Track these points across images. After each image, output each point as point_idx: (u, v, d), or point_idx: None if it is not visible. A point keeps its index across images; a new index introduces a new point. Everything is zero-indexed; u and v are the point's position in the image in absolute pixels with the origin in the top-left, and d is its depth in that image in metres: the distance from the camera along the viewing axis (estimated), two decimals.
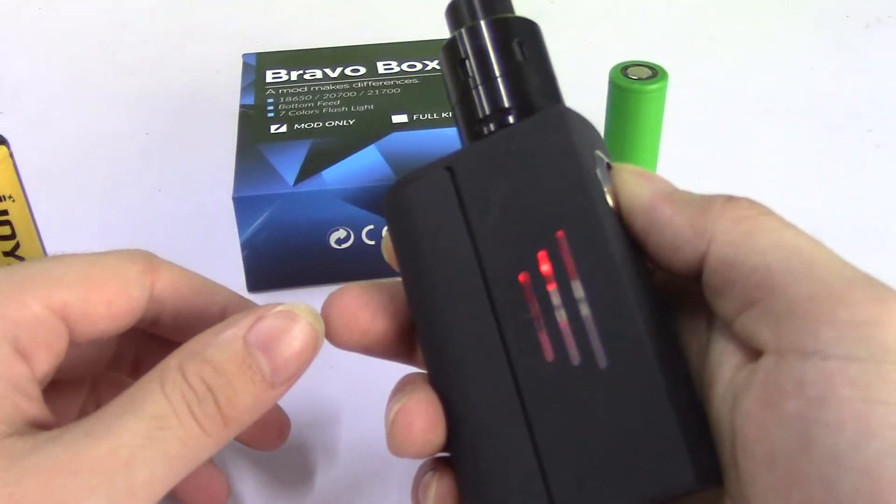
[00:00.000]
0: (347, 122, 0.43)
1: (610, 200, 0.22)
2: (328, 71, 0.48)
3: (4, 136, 0.33)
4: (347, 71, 0.48)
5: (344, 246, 0.40)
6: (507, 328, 0.21)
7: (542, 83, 0.25)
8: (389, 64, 0.49)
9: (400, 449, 0.23)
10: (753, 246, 0.20)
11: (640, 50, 0.52)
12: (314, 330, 0.24)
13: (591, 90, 0.44)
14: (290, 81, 0.47)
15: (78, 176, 0.50)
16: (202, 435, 0.22)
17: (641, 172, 0.23)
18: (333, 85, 0.47)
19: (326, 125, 0.43)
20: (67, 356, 0.25)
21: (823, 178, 0.49)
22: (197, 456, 0.23)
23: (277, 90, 0.46)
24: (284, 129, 0.43)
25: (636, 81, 0.39)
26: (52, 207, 0.40)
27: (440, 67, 0.27)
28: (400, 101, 0.45)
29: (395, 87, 0.47)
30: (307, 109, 0.45)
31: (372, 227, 0.40)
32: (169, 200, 0.48)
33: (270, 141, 0.42)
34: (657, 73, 0.40)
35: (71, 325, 0.24)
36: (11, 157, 0.33)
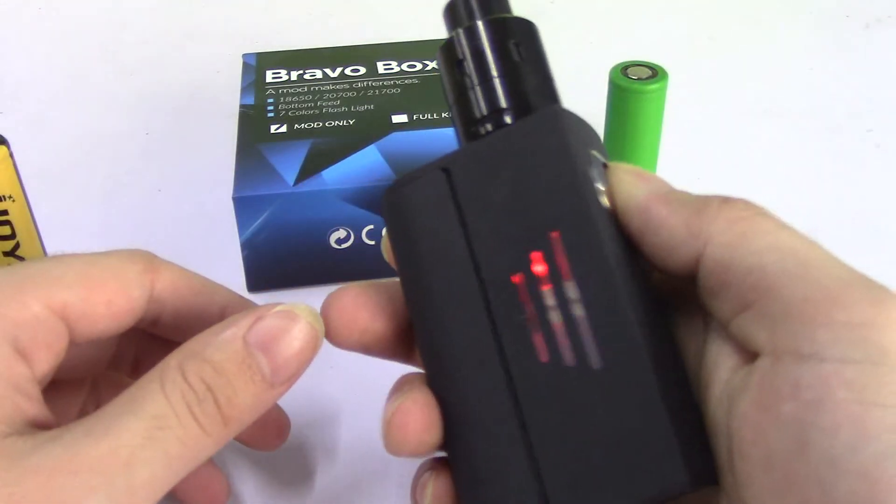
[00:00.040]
0: (347, 122, 0.43)
1: (606, 201, 0.22)
2: (328, 71, 0.48)
3: (4, 136, 0.33)
4: (347, 71, 0.48)
5: (344, 246, 0.40)
6: (502, 329, 0.21)
7: (538, 83, 0.25)
8: (389, 64, 0.49)
9: (396, 448, 0.23)
10: (749, 247, 0.20)
11: (640, 50, 0.52)
12: (314, 330, 0.24)
13: (591, 90, 0.44)
14: (290, 81, 0.47)
15: (78, 176, 0.50)
16: (202, 435, 0.22)
17: (638, 172, 0.23)
18: (333, 85, 0.47)
19: (326, 125, 0.43)
20: (67, 356, 0.25)
21: (823, 178, 0.49)
22: (197, 456, 0.23)
23: (277, 90, 0.46)
24: (284, 129, 0.43)
25: (636, 81, 0.39)
26: (52, 207, 0.40)
27: (438, 67, 0.27)
28: (400, 101, 0.45)
29: (395, 87, 0.47)
30: (307, 109, 0.45)
31: (372, 227, 0.40)
32: (169, 200, 0.48)
33: (270, 141, 0.42)
34: (657, 73, 0.40)
35: (71, 324, 0.24)
36: (11, 157, 0.33)
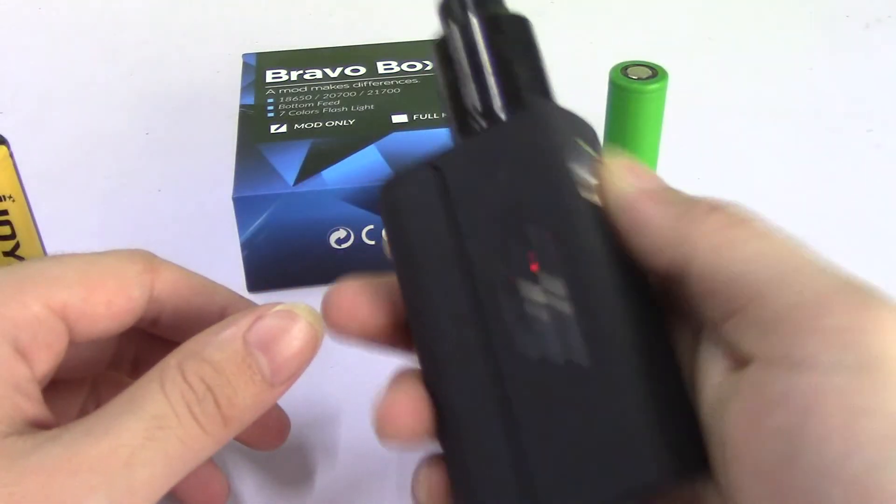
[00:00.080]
0: (347, 122, 0.43)
1: (597, 196, 0.22)
2: (328, 71, 0.48)
3: (4, 136, 0.33)
4: (347, 71, 0.48)
5: (344, 246, 0.40)
6: (491, 326, 0.22)
7: (531, 79, 0.25)
8: (389, 64, 0.49)
9: (384, 438, 0.23)
10: (734, 255, 0.20)
11: (640, 50, 0.52)
12: (314, 329, 0.24)
13: (591, 90, 0.44)
14: (290, 81, 0.47)
15: (78, 176, 0.50)
16: (202, 434, 0.22)
17: (629, 166, 0.22)
18: (333, 85, 0.47)
19: (326, 125, 0.43)
20: (67, 356, 0.25)
21: (823, 178, 0.49)
22: (197, 455, 0.23)
23: (277, 90, 0.46)
24: (284, 129, 0.43)
25: (636, 81, 0.39)
26: (52, 207, 0.40)
27: (432, 63, 0.27)
28: (400, 101, 0.45)
29: (395, 87, 0.47)
30: (307, 109, 0.45)
31: (372, 227, 0.40)
32: (169, 200, 0.48)
33: (270, 141, 0.42)
34: (657, 73, 0.40)
35: (71, 324, 0.24)
36: (11, 157, 0.33)
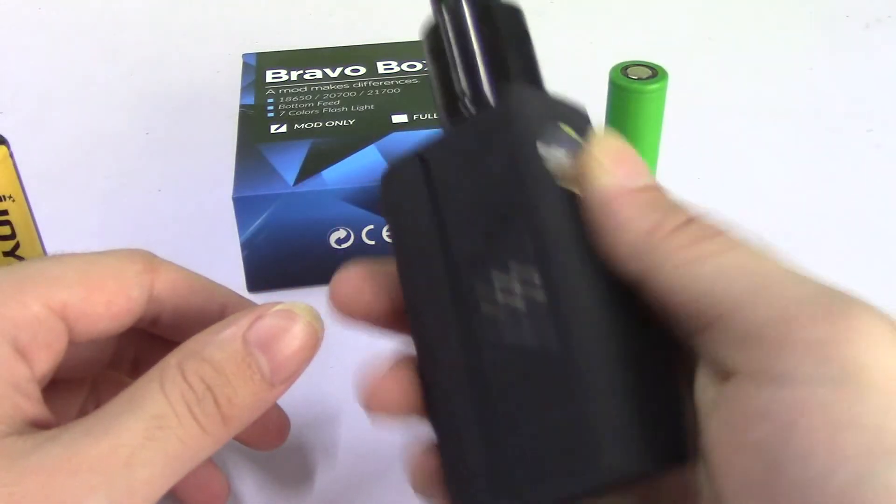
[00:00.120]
0: (347, 122, 0.43)
1: (576, 186, 0.22)
2: (328, 71, 0.48)
3: (4, 136, 0.33)
4: (347, 71, 0.48)
5: (344, 246, 0.40)
6: (471, 314, 0.22)
7: (520, 67, 0.24)
8: (389, 64, 0.49)
9: (368, 409, 0.24)
10: (699, 272, 0.19)
11: (640, 50, 0.52)
12: (314, 329, 0.24)
13: (591, 90, 0.44)
14: (290, 81, 0.47)
15: (78, 176, 0.50)
16: (202, 434, 0.22)
17: (612, 155, 0.21)
18: (333, 85, 0.47)
19: (326, 125, 0.43)
20: (67, 356, 0.25)
21: (823, 178, 0.49)
22: (196, 455, 0.23)
23: (277, 90, 0.46)
24: (284, 129, 0.43)
25: (636, 81, 0.39)
26: (52, 207, 0.40)
27: (424, 50, 0.26)
28: (400, 101, 0.45)
29: (395, 87, 0.47)
30: (307, 109, 0.45)
31: (372, 227, 0.40)
32: (169, 200, 0.48)
33: (270, 141, 0.42)
34: (657, 73, 0.40)
35: (70, 324, 0.24)
36: (11, 157, 0.33)
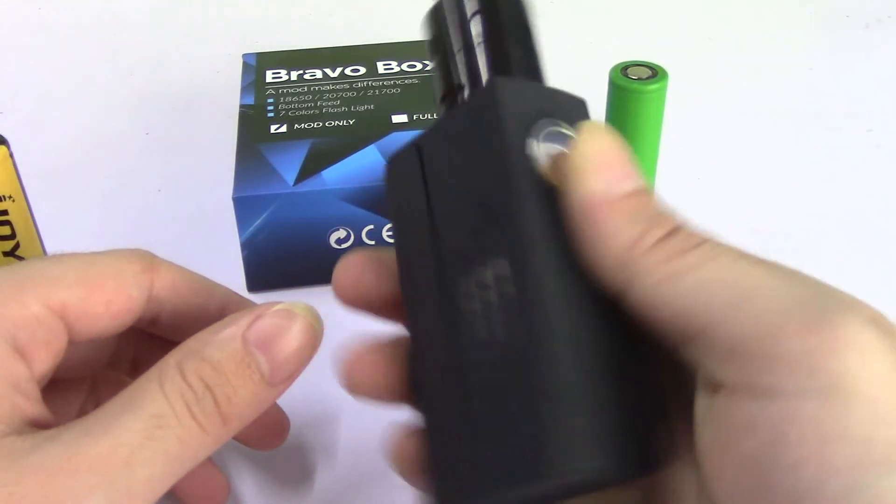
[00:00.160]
0: (347, 122, 0.43)
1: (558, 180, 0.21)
2: (328, 71, 0.48)
3: (4, 136, 0.33)
4: (347, 71, 0.48)
5: (344, 246, 0.40)
6: (454, 309, 0.22)
7: (520, 57, 0.24)
8: (389, 64, 0.49)
9: (348, 391, 0.25)
10: (676, 289, 0.19)
11: (640, 50, 0.52)
12: (313, 329, 0.24)
13: (591, 90, 0.44)
14: (290, 81, 0.47)
15: (78, 176, 0.50)
16: (201, 434, 0.22)
17: (599, 156, 0.20)
18: (333, 85, 0.47)
19: (326, 125, 0.43)
20: (66, 356, 0.25)
21: (823, 178, 0.49)
22: (196, 455, 0.23)
23: (277, 90, 0.46)
24: (284, 129, 0.43)
25: (636, 81, 0.39)
26: (52, 207, 0.40)
27: (425, 35, 0.26)
28: (400, 101, 0.45)
29: (395, 87, 0.47)
30: (307, 109, 0.45)
31: (372, 227, 0.40)
32: (169, 200, 0.48)
33: (270, 141, 0.42)
34: (657, 73, 0.40)
35: (70, 324, 0.24)
36: (11, 157, 0.33)
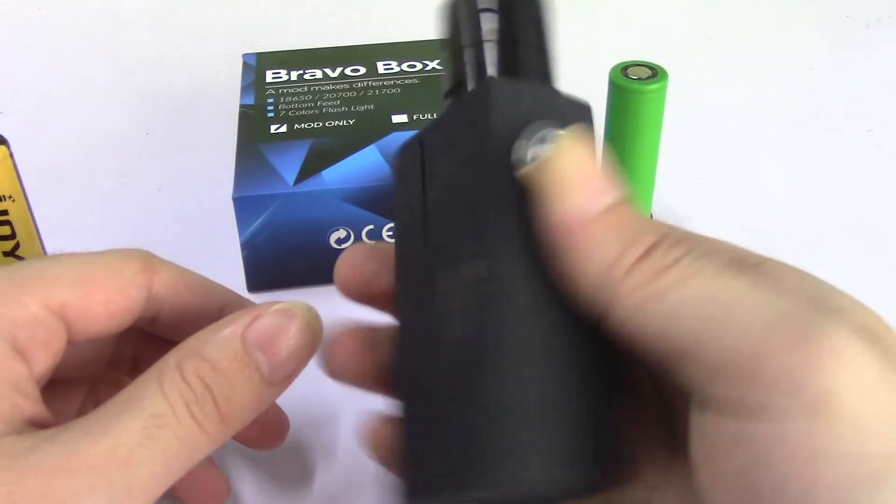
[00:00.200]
0: (347, 122, 0.43)
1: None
2: (328, 71, 0.48)
3: (4, 136, 0.33)
4: (347, 71, 0.48)
5: (344, 246, 0.40)
6: (432, 304, 0.22)
7: (528, 57, 0.24)
8: (389, 64, 0.49)
9: (327, 371, 0.25)
10: (657, 311, 0.18)
11: (640, 50, 0.52)
12: (312, 328, 0.24)
13: (591, 90, 0.44)
14: (290, 81, 0.47)
15: (78, 176, 0.50)
16: (200, 433, 0.22)
17: (573, 176, 0.20)
18: (333, 85, 0.47)
19: (326, 125, 0.43)
20: (66, 355, 0.25)
21: (823, 178, 0.49)
22: (195, 454, 0.23)
23: (277, 90, 0.46)
24: (284, 129, 0.43)
25: (636, 81, 0.39)
26: (52, 207, 0.40)
27: (439, 27, 0.26)
28: (400, 101, 0.45)
29: (395, 87, 0.47)
30: (307, 109, 0.45)
31: (372, 227, 0.40)
32: (169, 200, 0.48)
33: (270, 141, 0.42)
34: (657, 73, 0.40)
35: (69, 324, 0.24)
36: (11, 157, 0.33)
